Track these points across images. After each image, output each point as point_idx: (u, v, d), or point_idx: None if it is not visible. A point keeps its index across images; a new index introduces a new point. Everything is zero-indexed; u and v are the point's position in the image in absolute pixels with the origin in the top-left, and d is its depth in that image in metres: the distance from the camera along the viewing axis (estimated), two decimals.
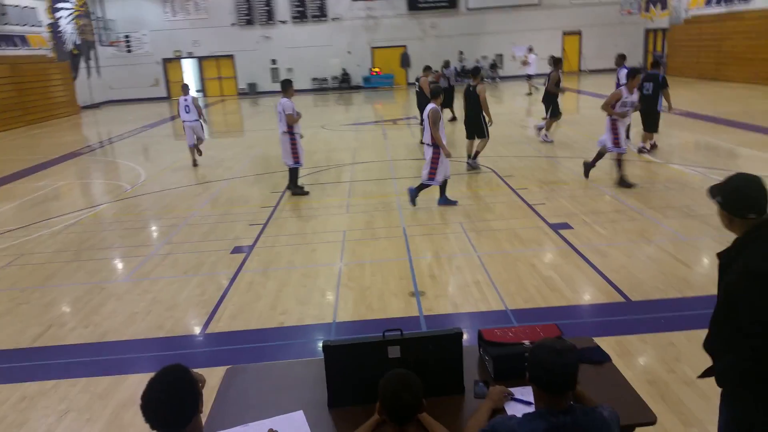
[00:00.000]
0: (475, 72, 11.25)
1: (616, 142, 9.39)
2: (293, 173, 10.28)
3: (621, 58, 13.46)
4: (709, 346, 2.51)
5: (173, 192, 11.03)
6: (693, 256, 6.51)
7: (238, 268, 6.97)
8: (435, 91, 8.85)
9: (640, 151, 11.93)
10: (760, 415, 2.41)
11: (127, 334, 5.55)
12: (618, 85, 12.29)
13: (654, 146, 12.11)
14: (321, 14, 32.43)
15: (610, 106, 9.29)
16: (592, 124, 16.09)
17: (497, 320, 5.32)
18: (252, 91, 32.94)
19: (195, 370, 2.32)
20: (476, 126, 11.12)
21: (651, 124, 11.90)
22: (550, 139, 13.87)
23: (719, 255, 2.50)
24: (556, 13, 32.85)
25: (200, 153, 13.75)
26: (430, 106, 8.63)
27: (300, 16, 32.49)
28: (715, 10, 26.15)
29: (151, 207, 10.13)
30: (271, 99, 30.63)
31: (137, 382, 4.63)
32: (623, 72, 12.28)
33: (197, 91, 34.67)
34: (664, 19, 30.06)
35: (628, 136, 12.02)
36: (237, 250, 7.64)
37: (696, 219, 7.71)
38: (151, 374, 2.20)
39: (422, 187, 8.96)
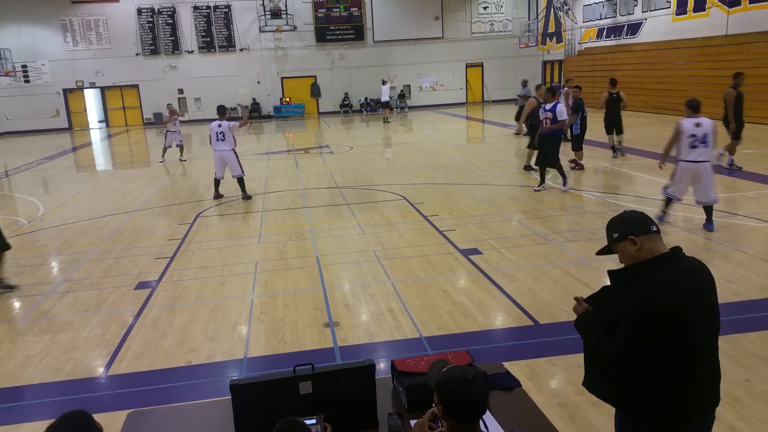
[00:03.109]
0: (614, 81, 15.04)
1: None
2: (243, 181, 11.97)
3: (552, 94, 11.51)
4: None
5: (73, 226, 10.48)
6: (595, 278, 6.77)
7: (143, 305, 6.67)
8: None
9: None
10: None
11: (22, 379, 5.17)
12: (554, 120, 10.96)
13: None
14: (229, 44, 32.15)
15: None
16: (498, 151, 16.66)
17: (412, 348, 5.33)
18: (158, 121, 32.02)
19: (96, 416, 2.17)
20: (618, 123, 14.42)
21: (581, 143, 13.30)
22: (737, 165, 12.45)
23: (611, 273, 2.59)
24: (459, 46, 34.04)
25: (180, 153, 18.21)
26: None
27: (207, 47, 32.07)
28: (606, 42, 27.87)
29: (50, 242, 9.58)
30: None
31: None
32: (560, 106, 11.06)
33: (99, 121, 33.45)
34: (560, 51, 31.68)
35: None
36: (142, 285, 7.32)
37: (596, 242, 8.05)
38: (47, 422, 2.05)
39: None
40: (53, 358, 5.53)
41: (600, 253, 2.71)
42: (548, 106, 11.22)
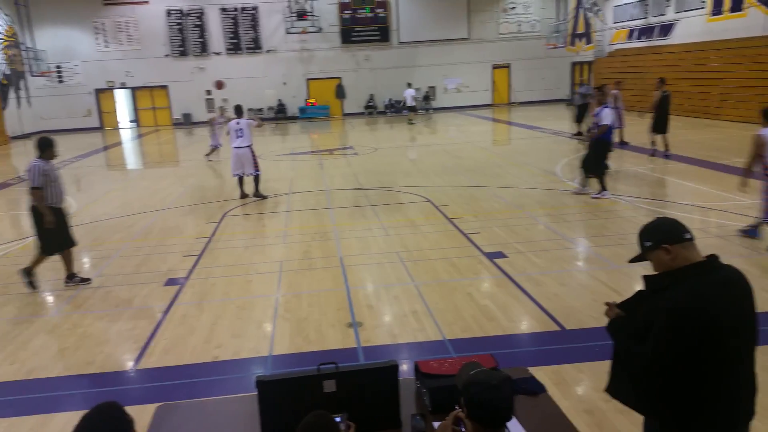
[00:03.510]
0: (663, 80, 14.51)
1: None
2: (258, 180, 12.29)
3: (604, 96, 11.06)
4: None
5: (105, 223, 10.68)
6: (624, 284, 6.69)
7: (172, 301, 6.77)
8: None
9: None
10: None
11: (56, 371, 5.30)
12: (597, 125, 10.56)
13: None
14: (255, 46, 32.43)
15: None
16: (523, 154, 16.56)
17: (435, 350, 5.33)
18: (187, 122, 32.46)
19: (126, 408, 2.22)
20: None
21: None
22: None
23: (645, 278, 2.56)
24: (485, 47, 33.86)
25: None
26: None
27: (234, 48, 32.39)
28: (637, 44, 27.50)
29: (82, 239, 9.70)
30: (207, 129, 30.26)
31: (65, 421, 4.42)
32: (605, 111, 10.52)
33: (130, 121, 33.96)
34: (589, 53, 31.37)
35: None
36: (170, 282, 7.43)
37: (626, 247, 7.95)
38: (80, 412, 2.11)
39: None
40: (85, 351, 5.64)
41: (633, 261, 2.67)
42: (597, 110, 10.67)
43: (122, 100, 33.69)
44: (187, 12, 31.79)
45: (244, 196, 12.22)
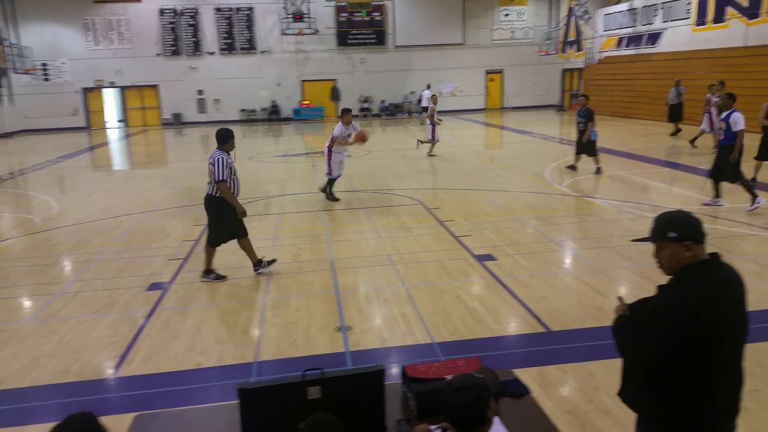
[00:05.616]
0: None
1: None
2: (329, 182, 11.86)
3: (732, 100, 9.98)
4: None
5: (87, 226, 10.52)
6: (609, 286, 6.68)
7: (154, 306, 6.64)
8: None
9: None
10: None
11: (28, 381, 5.10)
12: (727, 131, 9.67)
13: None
14: (250, 47, 32.33)
15: None
16: (515, 158, 16.56)
17: (424, 353, 5.28)
18: (177, 122, 32.29)
19: (102, 418, 2.14)
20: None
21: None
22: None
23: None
24: (480, 53, 33.97)
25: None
26: None
27: (228, 48, 32.27)
28: (626, 51, 27.69)
29: (63, 242, 9.61)
30: (197, 129, 30.15)
31: None
32: (735, 116, 9.60)
33: (118, 121, 33.66)
34: (580, 60, 31.52)
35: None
36: (154, 286, 7.30)
37: (611, 250, 7.96)
38: (52, 424, 2.02)
39: None
40: (61, 359, 5.47)
41: (638, 240, 2.63)
42: (724, 115, 9.88)
43: (111, 99, 33.43)
44: (181, 11, 31.64)
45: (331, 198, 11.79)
